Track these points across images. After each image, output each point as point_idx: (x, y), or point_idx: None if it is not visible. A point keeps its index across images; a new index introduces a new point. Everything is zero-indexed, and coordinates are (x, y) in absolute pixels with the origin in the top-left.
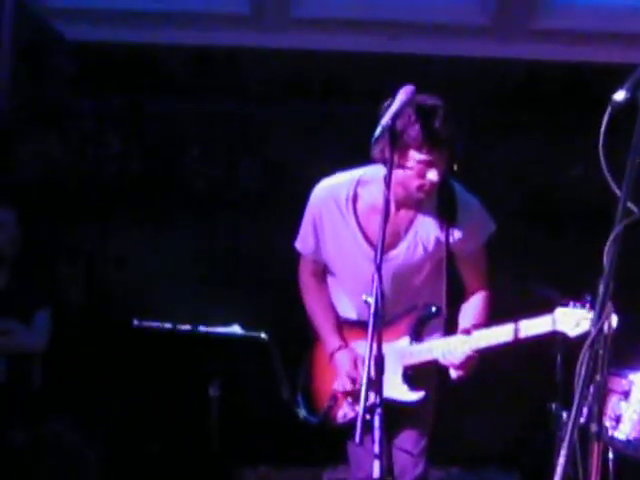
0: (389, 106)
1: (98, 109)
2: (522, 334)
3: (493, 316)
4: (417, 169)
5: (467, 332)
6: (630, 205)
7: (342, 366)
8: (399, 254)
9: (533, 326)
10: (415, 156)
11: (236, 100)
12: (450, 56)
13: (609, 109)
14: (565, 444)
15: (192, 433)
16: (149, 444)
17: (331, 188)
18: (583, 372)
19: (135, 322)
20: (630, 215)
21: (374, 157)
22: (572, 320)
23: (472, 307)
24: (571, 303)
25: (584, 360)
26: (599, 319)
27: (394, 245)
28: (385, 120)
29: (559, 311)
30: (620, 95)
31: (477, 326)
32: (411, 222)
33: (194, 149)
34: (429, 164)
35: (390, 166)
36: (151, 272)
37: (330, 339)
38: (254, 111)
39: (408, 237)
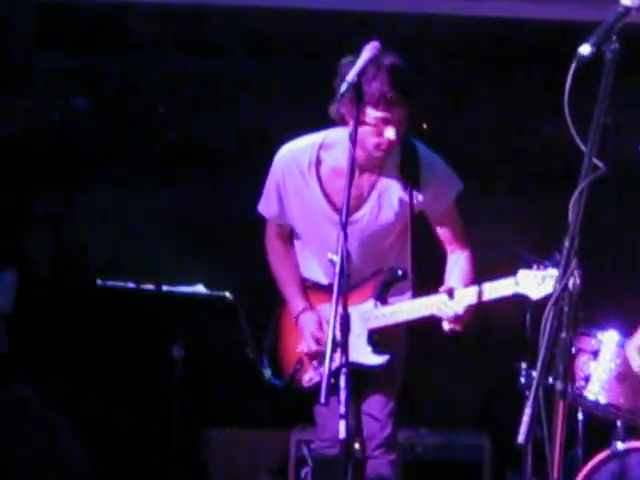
0: (351, 63)
1: (63, 69)
2: (486, 296)
3: None
4: (374, 126)
5: (450, 293)
6: (595, 161)
7: (307, 327)
8: (363, 216)
9: (496, 288)
10: (372, 113)
11: (203, 58)
12: (419, 14)
13: (574, 63)
14: (529, 402)
15: (156, 394)
16: (114, 406)
17: (293, 153)
18: (547, 330)
19: (99, 282)
20: (596, 171)
21: (332, 115)
22: (534, 282)
23: (458, 267)
24: (534, 266)
25: (548, 318)
26: (564, 276)
27: (358, 208)
28: (350, 76)
29: (521, 273)
30: (586, 49)
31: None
32: (374, 184)
33: (160, 108)
34: (386, 122)
35: (356, 123)
36: (118, 233)
37: (295, 302)
38: (222, 69)
39: (371, 199)
